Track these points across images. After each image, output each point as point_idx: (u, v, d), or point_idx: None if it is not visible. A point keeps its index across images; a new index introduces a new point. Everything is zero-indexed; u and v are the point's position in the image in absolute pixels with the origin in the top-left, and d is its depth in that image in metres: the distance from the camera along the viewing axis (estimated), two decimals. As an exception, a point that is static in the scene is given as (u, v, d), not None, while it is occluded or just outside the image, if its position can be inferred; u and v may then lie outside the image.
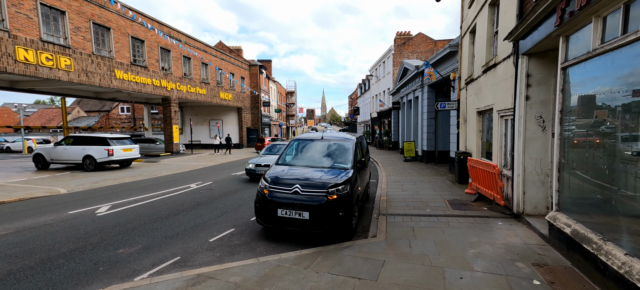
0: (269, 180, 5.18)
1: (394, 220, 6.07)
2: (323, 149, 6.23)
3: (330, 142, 6.36)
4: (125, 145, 14.53)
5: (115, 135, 14.81)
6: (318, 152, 6.20)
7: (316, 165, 5.75)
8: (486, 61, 7.75)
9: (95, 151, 13.57)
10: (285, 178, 5.14)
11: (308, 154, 6.24)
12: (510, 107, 6.13)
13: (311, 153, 6.25)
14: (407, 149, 17.34)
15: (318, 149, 6.28)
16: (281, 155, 6.26)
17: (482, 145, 8.81)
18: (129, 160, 15.05)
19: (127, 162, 15.43)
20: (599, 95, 3.43)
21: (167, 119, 21.25)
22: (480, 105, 8.39)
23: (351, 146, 6.12)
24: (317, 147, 6.33)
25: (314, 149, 6.31)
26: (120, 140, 14.50)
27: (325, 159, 5.98)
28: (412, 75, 17.23)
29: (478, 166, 7.08)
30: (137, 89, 17.86)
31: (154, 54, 19.24)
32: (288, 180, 5.07)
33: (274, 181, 5.11)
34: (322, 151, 6.20)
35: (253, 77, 35.01)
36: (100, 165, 13.86)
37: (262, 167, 10.59)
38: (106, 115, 33.73)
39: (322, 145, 6.32)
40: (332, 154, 6.10)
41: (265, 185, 5.13)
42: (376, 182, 11.21)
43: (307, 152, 6.31)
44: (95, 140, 13.79)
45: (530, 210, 5.43)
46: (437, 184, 9.76)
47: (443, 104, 10.85)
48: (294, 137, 6.81)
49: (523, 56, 5.34)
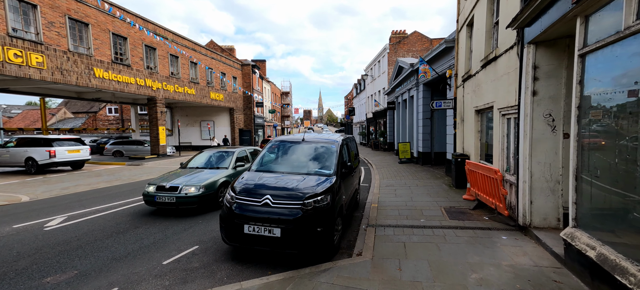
0: (236, 189, 4.43)
1: (383, 232, 5.34)
2: (303, 153, 5.49)
3: (312, 144, 5.62)
4: (71, 147, 14.22)
5: (62, 137, 14.69)
6: (298, 156, 5.46)
7: (294, 171, 5.01)
8: (485, 55, 7.07)
9: (36, 153, 13.11)
10: (254, 187, 4.39)
11: (286, 158, 5.50)
12: (513, 104, 5.44)
13: (290, 157, 5.50)
14: (402, 151, 16.66)
15: (298, 153, 5.53)
16: (256, 160, 5.51)
17: (481, 146, 8.13)
18: (78, 162, 14.87)
19: (77, 164, 15.30)
20: (632, 86, 2.73)
21: (152, 120, 20.38)
22: (478, 104, 7.71)
23: (335, 149, 5.39)
24: (297, 150, 5.59)
25: (293, 153, 5.56)
26: (65, 141, 14.18)
27: (306, 163, 5.24)
28: (407, 74, 16.57)
29: (477, 170, 6.38)
30: (120, 89, 17.00)
31: (137, 52, 18.39)
32: (258, 189, 4.33)
33: (242, 191, 4.36)
34: (303, 155, 5.46)
35: (246, 77, 34.19)
36: (42, 167, 13.51)
37: (166, 194, 6.48)
38: (93, 116, 32.69)
39: (303, 148, 5.58)
40: (313, 158, 5.36)
41: (231, 196, 4.38)
42: (368, 186, 10.50)
43: (286, 155, 5.56)
44: (38, 142, 13.47)
45: (539, 222, 4.73)
46: (432, 189, 9.06)
47: (439, 103, 10.18)
48: (274, 139, 6.07)
49: (529, 45, 4.64)
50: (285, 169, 5.10)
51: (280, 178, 4.67)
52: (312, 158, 5.35)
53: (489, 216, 5.91)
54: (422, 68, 11.35)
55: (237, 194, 4.34)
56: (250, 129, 34.78)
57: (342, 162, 5.38)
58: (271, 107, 47.41)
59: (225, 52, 34.07)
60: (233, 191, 4.42)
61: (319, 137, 5.92)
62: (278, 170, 5.08)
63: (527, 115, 4.73)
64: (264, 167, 5.24)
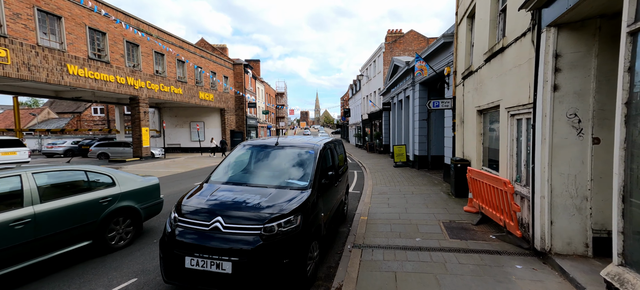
0: (181, 209, 3.47)
1: (371, 256, 4.42)
2: (275, 160, 4.56)
3: (287, 150, 4.69)
4: (4, 149, 13.21)
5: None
6: (268, 164, 4.52)
7: (261, 183, 4.07)
8: (490, 47, 6.20)
9: None
10: (203, 205, 3.43)
11: (254, 166, 4.56)
12: (526, 102, 4.55)
13: (258, 165, 4.57)
14: (398, 154, 15.79)
15: (269, 160, 4.60)
16: (215, 168, 4.55)
17: (484, 151, 7.25)
18: (11, 164, 13.91)
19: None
20: None
21: (135, 120, 19.33)
22: (481, 103, 6.84)
23: (313, 156, 4.47)
24: (268, 157, 4.65)
25: (263, 160, 4.63)
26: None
27: (277, 173, 4.31)
28: (402, 73, 15.72)
29: (482, 180, 5.49)
30: (97, 87, 15.95)
31: (118, 48, 17.34)
32: (207, 208, 3.38)
33: (188, 211, 3.41)
34: (274, 163, 4.52)
35: (237, 77, 33.18)
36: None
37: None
38: (77, 117, 31.44)
39: (276, 154, 4.64)
40: (286, 166, 4.43)
41: (173, 217, 3.43)
42: (359, 194, 9.59)
43: (254, 163, 4.62)
44: None
45: (561, 248, 3.83)
46: (430, 197, 8.15)
47: (436, 103, 9.32)
48: (242, 143, 5.12)
49: (548, 29, 3.76)
50: (250, 181, 4.16)
51: (241, 193, 3.73)
52: (284, 166, 4.42)
53: (496, 235, 5.01)
54: (418, 65, 10.50)
55: (181, 214, 3.39)
56: (243, 131, 33.76)
57: (322, 172, 4.46)
58: (265, 108, 46.41)
59: (217, 51, 33.08)
60: (177, 211, 3.47)
61: (296, 141, 4.99)
62: (241, 181, 4.13)
63: (546, 116, 3.84)
64: (224, 177, 4.28)
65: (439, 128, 13.82)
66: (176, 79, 22.74)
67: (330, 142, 5.79)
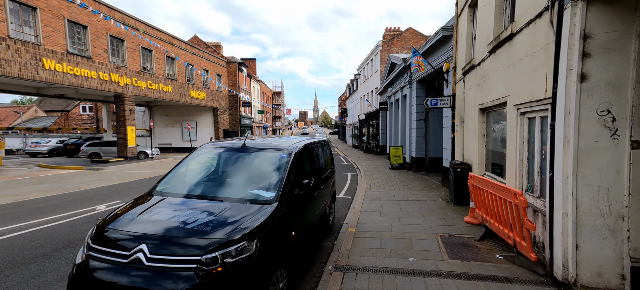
0: (100, 233, 2.67)
1: (354, 284, 3.63)
2: (239, 166, 3.77)
3: (254, 152, 3.90)
4: None
5: None
6: (229, 171, 3.73)
7: (215, 195, 3.27)
8: (495, 36, 5.43)
9: None
10: (127, 228, 2.63)
11: (211, 173, 3.77)
12: (541, 97, 3.78)
13: (217, 172, 3.78)
14: (394, 155, 15.02)
15: (231, 165, 3.81)
16: (163, 177, 3.75)
17: (487, 154, 6.48)
18: None
19: None
20: None
21: (120, 119, 18.48)
22: (484, 100, 6.07)
23: (286, 161, 3.68)
24: (230, 161, 3.85)
25: (224, 165, 3.83)
26: None
27: (238, 182, 3.52)
28: (399, 70, 14.96)
29: (486, 188, 4.72)
30: (77, 83, 15.09)
31: (101, 42, 16.49)
32: (131, 232, 2.57)
33: (106, 236, 2.61)
34: (237, 169, 3.73)
35: (231, 75, 32.35)
36: None
37: None
38: (65, 115, 30.51)
39: (241, 158, 3.85)
40: (251, 174, 3.64)
41: (86, 245, 2.63)
42: (351, 199, 8.81)
43: (212, 169, 3.84)
44: None
45: (590, 279, 3.06)
46: (426, 205, 7.38)
47: (434, 101, 8.55)
48: (205, 144, 4.33)
49: (575, 4, 2.99)
50: (204, 192, 3.36)
51: (185, 209, 2.93)
52: (249, 174, 3.63)
53: (504, 255, 4.23)
54: (415, 60, 9.73)
55: (97, 240, 2.59)
56: (237, 130, 32.93)
57: (297, 180, 3.67)
58: (261, 107, 45.59)
59: (210, 49, 32.23)
60: (94, 235, 2.67)
61: (267, 143, 4.20)
62: (191, 193, 3.33)
63: (570, 113, 3.07)
64: (172, 188, 3.48)
65: (437, 129, 13.06)
66: (165, 76, 21.90)
67: (312, 143, 5.00)
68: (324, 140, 6.02)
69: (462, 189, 7.10)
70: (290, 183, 3.48)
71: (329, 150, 6.17)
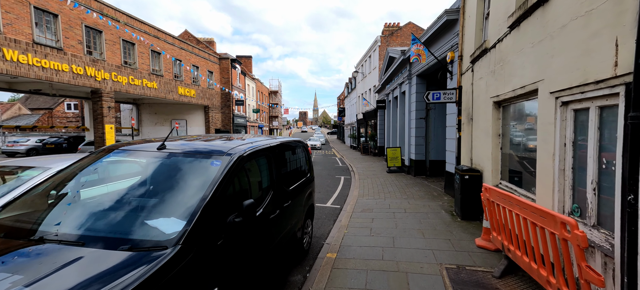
0: None
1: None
2: (142, 179, 2.48)
3: (172, 158, 2.61)
4: None
5: None
6: (122, 189, 2.43)
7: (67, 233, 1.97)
8: (519, 3, 4.14)
9: None
10: None
11: (91, 191, 2.48)
12: (607, 76, 2.49)
13: (103, 189, 2.49)
14: (391, 157, 13.73)
15: (130, 179, 2.52)
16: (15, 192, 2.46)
17: (503, 159, 5.20)
18: None
19: None
20: None
21: (97, 116, 17.19)
22: (501, 91, 4.79)
23: (215, 171, 2.40)
24: (128, 171, 2.58)
25: (114, 177, 2.55)
26: None
27: (125, 208, 2.22)
28: (398, 64, 13.68)
29: (510, 207, 3.43)
30: (46, 77, 13.80)
31: (75, 33, 15.20)
32: None
33: None
34: (136, 185, 2.44)
35: (224, 72, 31.06)
36: None
37: None
38: (49, 113, 29.24)
39: (148, 167, 2.56)
40: (154, 192, 2.35)
41: None
42: (339, 209, 7.54)
43: (97, 185, 2.55)
44: None
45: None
46: (427, 219, 6.09)
47: (436, 95, 7.28)
48: (107, 146, 3.03)
49: None
50: (60, 226, 2.06)
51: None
52: (152, 193, 2.34)
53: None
54: (415, 49, 8.45)
55: None
56: (229, 130, 31.63)
57: (232, 201, 2.39)
58: (256, 106, 44.29)
59: (201, 44, 30.98)
60: None
61: (200, 144, 2.91)
62: (47, 228, 2.04)
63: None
64: (16, 216, 2.19)
65: (439, 128, 11.78)
66: (150, 72, 20.61)
67: (279, 144, 3.74)
68: (297, 141, 4.75)
69: (471, 200, 5.83)
70: (217, 207, 2.20)
71: (304, 153, 4.89)
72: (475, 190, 5.80)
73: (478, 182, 5.82)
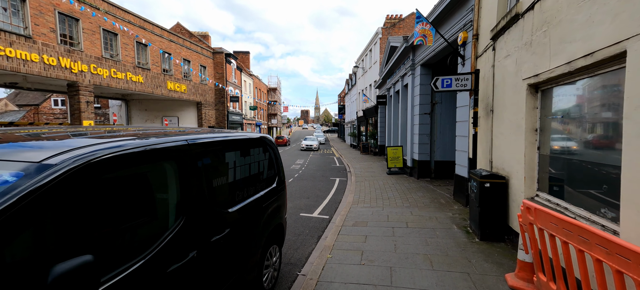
0: None
1: None
2: None
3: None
4: None
5: None
6: None
7: None
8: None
9: None
10: None
11: None
12: None
13: None
14: (392, 157, 12.36)
15: None
16: None
17: (542, 163, 3.82)
18: None
19: None
20: None
21: (74, 112, 15.97)
22: (544, 68, 3.41)
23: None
24: None
25: None
26: None
27: None
28: (400, 53, 12.29)
29: (578, 244, 2.08)
30: (12, 67, 12.54)
31: (46, 20, 13.93)
32: None
33: None
34: None
35: (218, 67, 29.78)
36: None
37: None
38: (35, 109, 28.10)
39: None
40: None
41: None
42: (328, 220, 6.22)
43: None
44: None
45: None
46: (436, 239, 4.72)
47: (446, 81, 5.90)
48: None
49: None
50: None
51: None
52: None
53: None
54: (420, 29, 7.08)
55: None
56: (224, 128, 30.36)
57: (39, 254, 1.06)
58: (254, 103, 42.97)
59: (194, 38, 29.70)
60: None
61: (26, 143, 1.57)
62: None
63: None
64: None
65: (446, 124, 10.41)
66: (135, 65, 19.34)
67: (211, 142, 2.42)
68: (258, 137, 3.41)
69: (493, 214, 4.47)
70: None
71: (269, 153, 3.55)
72: (499, 202, 4.45)
73: (502, 192, 4.46)
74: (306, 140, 31.58)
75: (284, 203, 3.81)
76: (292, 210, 6.99)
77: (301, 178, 11.82)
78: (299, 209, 7.14)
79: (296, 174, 12.78)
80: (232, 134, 2.88)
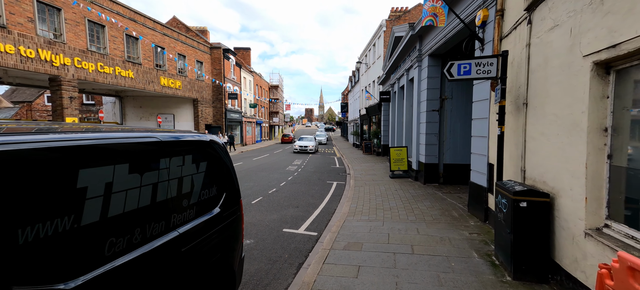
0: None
1: None
2: None
3: None
4: None
5: None
6: None
7: None
8: None
9: None
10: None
11: None
12: None
13: None
14: (395, 159, 11.14)
15: None
16: None
17: (615, 178, 2.58)
18: None
19: None
20: None
21: (56, 108, 15.02)
22: (630, 33, 2.19)
23: None
24: None
25: None
26: None
27: None
28: (405, 44, 11.03)
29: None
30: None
31: (23, 9, 12.94)
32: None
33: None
34: None
35: (216, 63, 28.72)
36: None
37: None
38: (28, 106, 27.39)
39: None
40: None
41: None
42: (316, 237, 5.05)
43: None
44: None
45: None
46: (451, 273, 3.50)
47: (464, 66, 4.64)
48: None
49: None
50: None
51: None
52: None
53: None
54: (430, 7, 5.85)
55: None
56: (221, 125, 29.34)
57: None
58: (254, 101, 41.90)
59: (191, 32, 28.69)
60: None
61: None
62: None
63: None
64: None
65: (457, 122, 9.16)
66: (124, 59, 18.33)
67: (59, 148, 1.22)
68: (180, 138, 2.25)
69: (532, 244, 3.26)
70: None
71: (210, 160, 2.39)
72: (540, 228, 3.24)
73: (545, 214, 3.25)
74: (301, 141, 25.63)
75: (237, 235, 2.64)
76: (275, 224, 5.84)
77: (295, 181, 10.66)
78: (284, 222, 5.99)
79: (290, 177, 11.62)
80: (116, 135, 1.71)
